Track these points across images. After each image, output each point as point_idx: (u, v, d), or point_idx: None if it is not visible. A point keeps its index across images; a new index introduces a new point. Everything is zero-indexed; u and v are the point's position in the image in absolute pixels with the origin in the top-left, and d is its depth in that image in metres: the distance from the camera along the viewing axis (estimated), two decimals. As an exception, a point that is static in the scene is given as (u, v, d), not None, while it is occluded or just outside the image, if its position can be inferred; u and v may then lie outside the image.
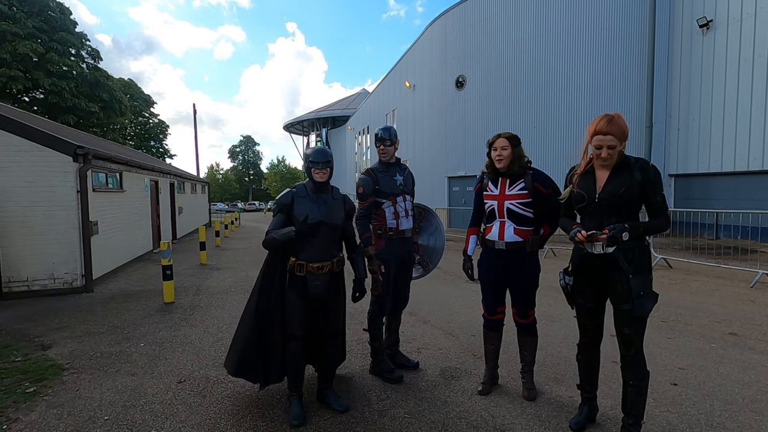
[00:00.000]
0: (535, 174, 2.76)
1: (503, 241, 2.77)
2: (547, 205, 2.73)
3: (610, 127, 2.12)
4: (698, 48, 11.42)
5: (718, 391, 2.98)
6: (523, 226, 2.76)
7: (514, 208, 2.75)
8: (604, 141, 2.15)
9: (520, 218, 2.75)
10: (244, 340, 2.81)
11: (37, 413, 2.84)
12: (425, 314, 5.03)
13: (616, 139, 2.13)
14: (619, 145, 2.15)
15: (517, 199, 2.74)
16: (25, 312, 5.48)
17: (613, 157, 2.19)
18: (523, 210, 2.75)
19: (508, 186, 2.77)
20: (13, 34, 20.76)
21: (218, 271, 8.51)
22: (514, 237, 2.75)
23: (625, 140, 2.16)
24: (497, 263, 2.82)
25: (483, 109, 14.77)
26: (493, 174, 2.84)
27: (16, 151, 6.21)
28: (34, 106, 23.57)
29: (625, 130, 2.15)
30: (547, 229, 2.83)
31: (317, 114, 43.03)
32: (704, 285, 6.42)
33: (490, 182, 2.86)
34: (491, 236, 2.82)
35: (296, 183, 2.83)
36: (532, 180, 2.73)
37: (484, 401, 2.89)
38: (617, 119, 2.15)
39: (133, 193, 9.56)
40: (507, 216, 2.77)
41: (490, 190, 2.84)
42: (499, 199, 2.79)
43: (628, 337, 2.21)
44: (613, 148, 2.15)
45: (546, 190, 2.73)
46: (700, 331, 4.32)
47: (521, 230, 2.75)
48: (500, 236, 2.78)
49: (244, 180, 72.80)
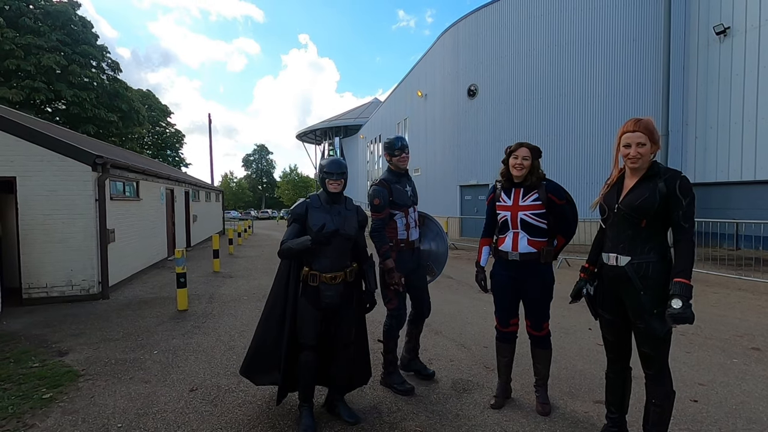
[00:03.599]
0: (548, 185, 2.74)
1: (517, 252, 2.73)
2: (561, 217, 2.71)
3: (638, 125, 2.08)
4: (715, 55, 11.25)
5: (741, 409, 2.88)
6: (536, 237, 2.73)
7: (527, 218, 2.72)
8: (633, 138, 2.08)
9: (533, 229, 2.72)
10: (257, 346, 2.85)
11: (53, 419, 2.88)
12: (437, 325, 4.98)
13: (645, 137, 2.07)
14: (648, 144, 2.07)
15: (530, 209, 2.71)
16: (44, 318, 5.59)
17: (644, 158, 2.09)
18: (536, 221, 2.72)
19: (522, 196, 2.74)
20: (37, 47, 21.49)
21: (231, 279, 8.58)
22: (528, 248, 2.71)
23: (655, 143, 2.09)
24: (510, 274, 2.78)
25: (495, 118, 14.73)
26: (507, 183, 2.82)
27: (38, 161, 6.39)
28: (56, 116, 24.27)
29: (653, 130, 2.08)
30: (561, 240, 2.80)
31: (329, 123, 43.46)
32: (725, 297, 6.24)
33: (503, 192, 2.83)
34: (504, 247, 2.79)
35: (310, 193, 2.85)
36: (546, 191, 2.70)
37: (496, 415, 2.84)
38: (645, 120, 2.10)
39: (149, 202, 9.74)
40: (521, 227, 2.74)
41: (503, 200, 2.81)
42: (512, 210, 2.76)
43: (647, 355, 2.12)
44: (643, 146, 2.07)
45: (560, 201, 2.72)
46: (722, 345, 4.19)
47: (535, 241, 2.72)
48: (514, 247, 2.74)
49: (258, 188, 73.62)
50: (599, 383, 3.18)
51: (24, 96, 21.30)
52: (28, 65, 21.16)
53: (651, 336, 2.06)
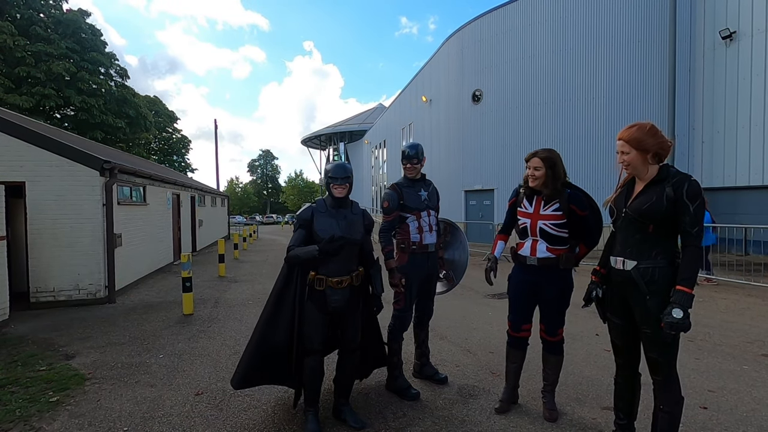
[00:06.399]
0: (572, 195, 2.65)
1: (535, 257, 2.70)
2: (584, 226, 2.66)
3: (624, 132, 2.11)
4: (721, 59, 11.20)
5: (752, 417, 2.84)
6: (556, 245, 2.68)
7: (547, 228, 2.67)
8: (617, 146, 2.14)
9: (553, 238, 2.67)
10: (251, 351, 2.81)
11: (60, 422, 2.89)
12: (443, 330, 4.96)
13: (628, 146, 2.07)
14: (634, 152, 2.07)
15: (550, 219, 2.65)
16: (51, 322, 5.63)
17: (633, 165, 2.10)
18: (556, 231, 2.66)
19: (543, 206, 2.69)
20: (47, 54, 21.85)
21: (236, 283, 8.60)
22: (547, 254, 2.67)
23: (642, 150, 2.06)
24: (528, 278, 2.75)
25: (500, 123, 14.74)
26: (529, 190, 2.76)
27: (47, 166, 6.47)
28: (65, 122, 24.60)
29: (641, 137, 2.05)
30: (582, 249, 2.75)
31: (334, 128, 43.62)
32: (734, 303, 6.17)
33: (526, 199, 2.78)
34: (523, 252, 2.76)
35: (316, 198, 2.85)
36: (568, 201, 2.62)
37: (503, 421, 2.81)
38: (634, 127, 2.09)
39: (156, 206, 9.81)
40: (540, 235, 2.69)
41: (525, 207, 2.77)
42: (532, 218, 2.72)
43: (654, 361, 2.09)
44: (626, 154, 2.09)
45: (582, 212, 2.64)
46: (731, 351, 4.13)
47: (554, 248, 2.67)
48: (532, 252, 2.71)
49: (263, 193, 73.97)
50: (607, 389, 3.15)
51: (34, 102, 21.62)
52: (38, 72, 21.50)
53: (658, 341, 2.04)
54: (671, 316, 1.90)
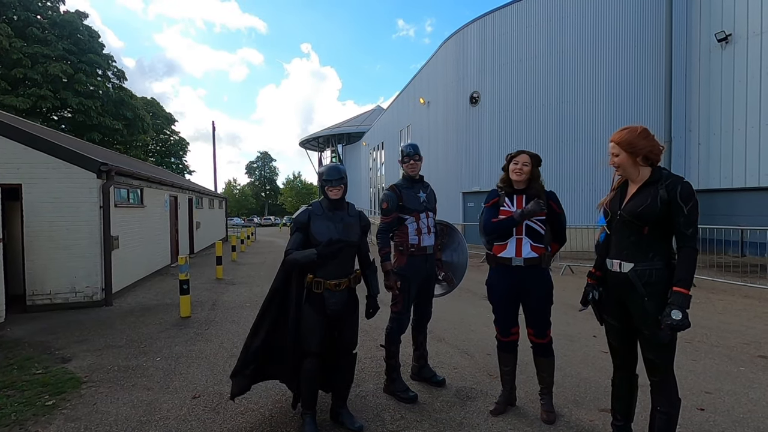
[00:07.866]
0: (550, 193, 2.84)
1: (521, 258, 2.74)
2: (557, 224, 2.85)
3: (615, 134, 2.16)
4: (717, 62, 11.27)
5: (749, 418, 2.85)
6: (538, 242, 2.77)
7: (532, 224, 2.75)
8: (609, 148, 2.17)
9: (536, 235, 2.76)
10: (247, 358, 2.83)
11: (56, 426, 2.88)
12: (441, 332, 4.96)
13: (618, 147, 2.12)
14: (623, 154, 2.12)
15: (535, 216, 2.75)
16: (48, 325, 5.60)
17: (624, 167, 2.15)
18: (539, 227, 2.77)
19: (525, 203, 2.78)
20: (44, 56, 21.78)
21: (234, 286, 8.58)
22: (532, 253, 2.74)
23: (632, 153, 2.09)
24: (510, 282, 2.79)
25: (497, 124, 14.78)
26: (508, 188, 2.85)
27: (44, 168, 6.45)
28: (62, 124, 24.49)
29: (631, 140, 2.08)
30: (554, 246, 2.91)
31: (332, 130, 43.67)
32: (731, 304, 6.19)
33: (507, 198, 2.85)
34: (506, 254, 2.78)
35: (312, 200, 2.85)
36: (547, 198, 2.79)
37: (501, 423, 2.81)
38: (625, 130, 2.14)
39: (153, 209, 9.79)
40: (525, 233, 2.76)
41: (507, 205, 2.83)
42: None
43: (651, 362, 2.10)
44: (616, 156, 2.14)
45: (559, 210, 2.84)
46: (728, 353, 4.15)
47: (537, 247, 2.76)
48: (517, 253, 2.75)
49: (261, 195, 73.84)
50: (604, 391, 3.15)
51: (31, 104, 21.53)
52: (35, 74, 21.43)
53: (656, 343, 2.05)
54: (670, 317, 1.92)
